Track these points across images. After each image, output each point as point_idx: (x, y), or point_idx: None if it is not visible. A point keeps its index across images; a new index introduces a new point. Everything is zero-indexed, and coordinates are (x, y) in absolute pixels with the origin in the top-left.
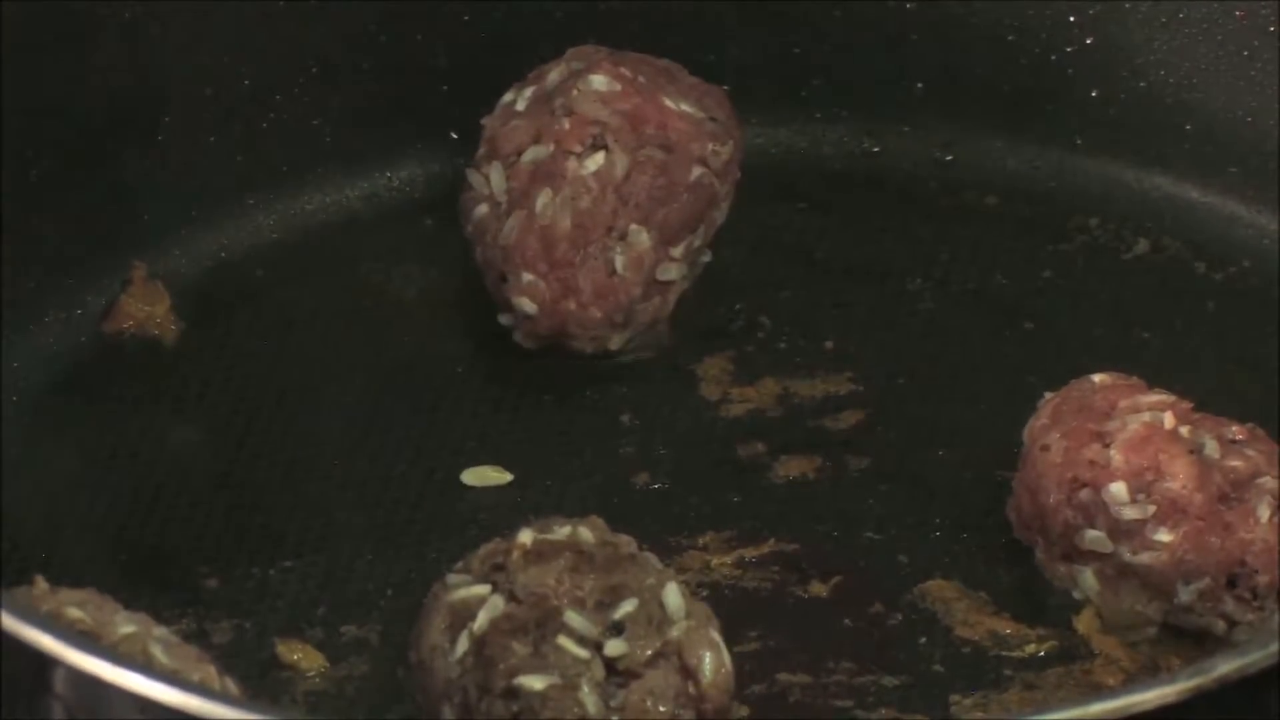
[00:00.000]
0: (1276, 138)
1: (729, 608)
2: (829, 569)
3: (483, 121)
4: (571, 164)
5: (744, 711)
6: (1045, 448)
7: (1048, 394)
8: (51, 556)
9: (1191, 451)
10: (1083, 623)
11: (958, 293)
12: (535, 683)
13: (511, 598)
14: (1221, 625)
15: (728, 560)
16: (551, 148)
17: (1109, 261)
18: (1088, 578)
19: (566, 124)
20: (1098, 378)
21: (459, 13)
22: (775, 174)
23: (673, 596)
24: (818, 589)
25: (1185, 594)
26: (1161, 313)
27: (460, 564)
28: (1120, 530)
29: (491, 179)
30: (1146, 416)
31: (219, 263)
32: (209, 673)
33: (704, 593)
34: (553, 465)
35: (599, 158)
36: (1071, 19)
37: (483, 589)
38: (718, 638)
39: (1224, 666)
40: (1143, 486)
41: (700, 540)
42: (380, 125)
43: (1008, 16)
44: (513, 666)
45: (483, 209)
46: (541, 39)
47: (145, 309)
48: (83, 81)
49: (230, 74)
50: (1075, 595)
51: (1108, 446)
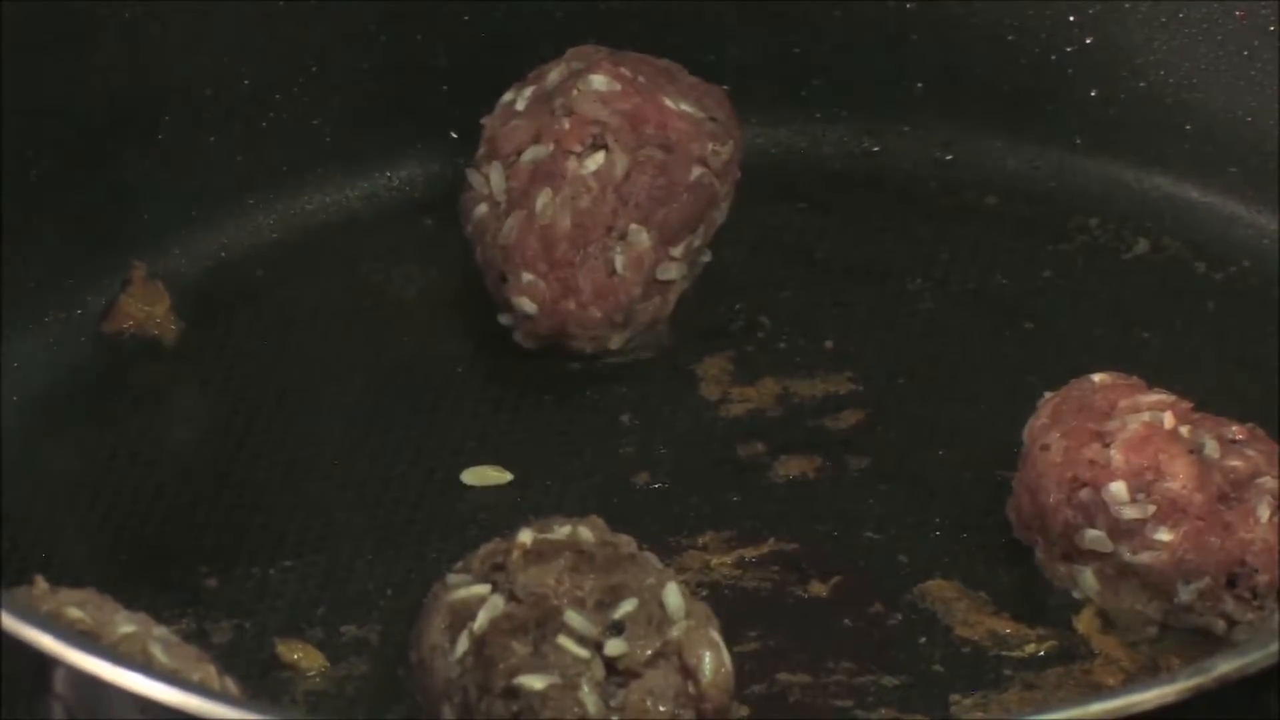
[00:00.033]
0: (1276, 138)
1: (729, 608)
2: (829, 569)
3: (483, 121)
4: (571, 164)
5: (744, 711)
6: (1045, 447)
7: (1048, 394)
8: (51, 556)
9: (1191, 451)
10: (1083, 623)
11: (958, 293)
12: (535, 682)
13: (511, 597)
14: (1221, 625)
15: (727, 560)
16: (551, 147)
17: (1109, 261)
18: (1088, 577)
19: (566, 124)
20: (1098, 378)
21: (459, 13)
22: (775, 174)
23: (673, 596)
24: (817, 589)
25: (1185, 594)
26: (1161, 313)
27: (460, 564)
28: (1120, 530)
29: (491, 179)
30: (1146, 416)
31: (219, 263)
32: (209, 673)
33: (704, 592)
34: (553, 465)
35: (599, 157)
36: (1071, 19)
37: (483, 589)
38: (717, 637)
39: (1224, 666)
40: (1143, 486)
41: (700, 540)
42: (380, 125)
43: (1008, 16)
44: (513, 666)
45: (483, 209)
46: (541, 39)
47: (145, 309)
48: (83, 81)
49: (230, 74)
50: (1075, 595)
51: (1108, 446)
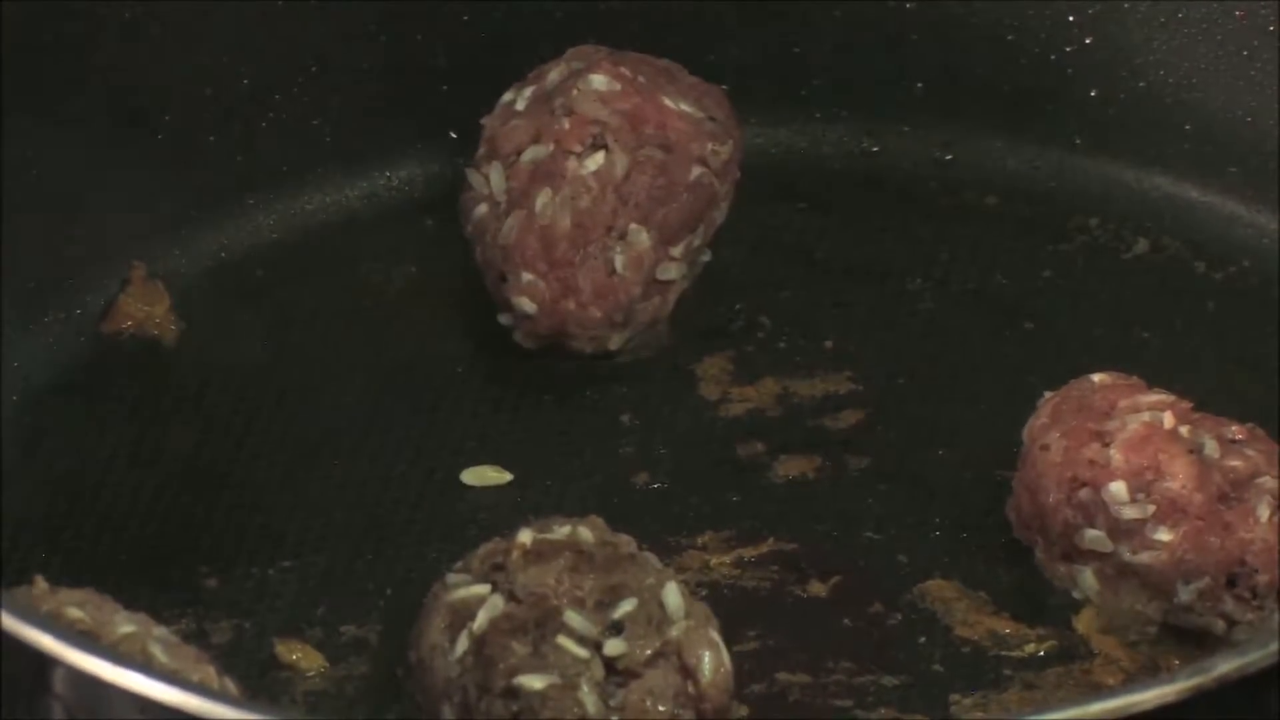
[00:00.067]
0: (1276, 138)
1: (728, 607)
2: (828, 569)
3: (483, 121)
4: (571, 164)
5: (743, 711)
6: (1045, 447)
7: (1048, 394)
8: (51, 556)
9: (1191, 451)
10: (1082, 622)
11: (958, 293)
12: (535, 682)
13: (511, 597)
14: (1221, 625)
15: (727, 560)
16: (551, 147)
17: (1109, 261)
18: (1087, 577)
19: (566, 124)
20: (1097, 377)
21: (459, 13)
22: (775, 174)
23: (672, 596)
24: (817, 589)
25: (1185, 594)
26: (1161, 313)
27: (460, 564)
28: (1120, 530)
29: (491, 179)
30: (1146, 416)
31: (219, 263)
32: (208, 673)
33: (703, 592)
34: (553, 465)
35: (599, 157)
36: (1071, 19)
37: (482, 589)
38: (717, 637)
39: (1224, 666)
40: (1142, 486)
41: (699, 540)
42: (380, 125)
43: (1008, 16)
44: (512, 666)
45: (482, 209)
46: (541, 39)
47: (145, 309)
48: (83, 81)
49: (230, 74)
50: (1075, 595)
51: (1107, 446)
